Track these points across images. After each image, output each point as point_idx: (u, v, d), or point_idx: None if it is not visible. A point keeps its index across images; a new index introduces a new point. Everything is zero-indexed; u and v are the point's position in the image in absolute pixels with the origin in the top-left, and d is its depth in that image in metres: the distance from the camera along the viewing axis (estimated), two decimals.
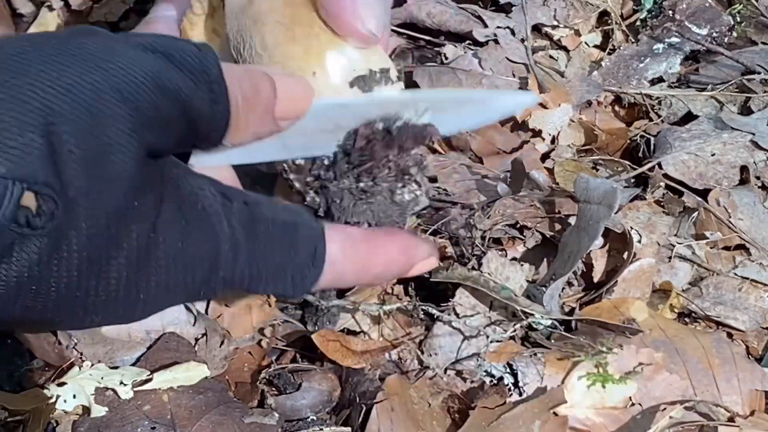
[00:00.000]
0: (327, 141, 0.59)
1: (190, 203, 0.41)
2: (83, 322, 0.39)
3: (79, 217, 0.35)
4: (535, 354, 0.80)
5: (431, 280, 0.85)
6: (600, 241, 0.93)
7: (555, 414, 0.75)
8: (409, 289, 0.88)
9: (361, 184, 0.59)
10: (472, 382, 0.79)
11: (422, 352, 0.81)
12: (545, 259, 0.94)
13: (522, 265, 0.89)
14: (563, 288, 0.88)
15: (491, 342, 0.80)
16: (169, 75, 0.39)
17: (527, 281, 0.90)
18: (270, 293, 0.48)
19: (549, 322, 0.83)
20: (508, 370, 0.79)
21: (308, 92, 0.52)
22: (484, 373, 0.78)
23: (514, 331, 0.82)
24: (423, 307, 0.81)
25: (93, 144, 0.36)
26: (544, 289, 0.86)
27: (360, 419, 0.76)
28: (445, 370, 0.80)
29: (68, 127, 0.35)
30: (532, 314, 0.82)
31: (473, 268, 0.86)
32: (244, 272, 0.43)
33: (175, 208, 0.40)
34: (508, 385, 0.78)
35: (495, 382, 0.79)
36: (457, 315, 0.82)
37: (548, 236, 0.95)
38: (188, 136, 0.42)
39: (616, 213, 0.96)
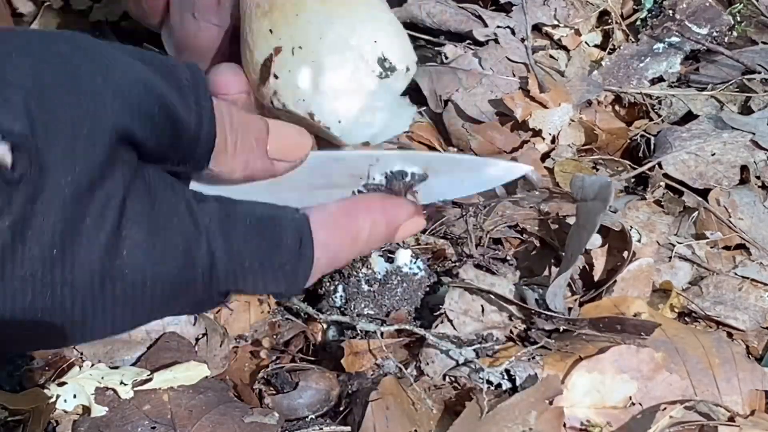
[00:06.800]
0: (321, 199, 0.59)
1: (159, 195, 0.40)
2: (64, 328, 0.38)
3: (53, 180, 0.35)
4: (533, 357, 0.80)
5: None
6: (599, 240, 0.93)
7: (550, 404, 0.75)
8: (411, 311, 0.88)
9: None
10: (470, 387, 0.79)
11: (419, 362, 0.81)
12: (543, 261, 0.94)
13: (506, 274, 0.89)
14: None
15: (488, 348, 0.80)
16: (155, 80, 0.39)
17: (521, 282, 0.90)
18: (264, 291, 0.46)
19: (551, 327, 0.82)
20: (505, 376, 0.79)
21: (305, 138, 0.51)
22: (481, 380, 0.78)
23: (511, 334, 0.82)
24: (416, 331, 0.81)
25: (73, 110, 0.36)
26: (539, 289, 0.86)
27: (359, 418, 0.76)
28: (444, 377, 0.80)
29: (50, 92, 0.35)
30: (534, 314, 0.82)
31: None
32: (227, 270, 0.42)
33: (144, 196, 0.39)
34: (506, 390, 0.78)
35: (493, 388, 0.78)
36: (450, 321, 0.82)
37: (546, 239, 0.96)
38: (171, 144, 0.42)
39: (615, 213, 0.96)
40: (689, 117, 1.19)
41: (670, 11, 1.30)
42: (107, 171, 0.37)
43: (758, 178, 1.07)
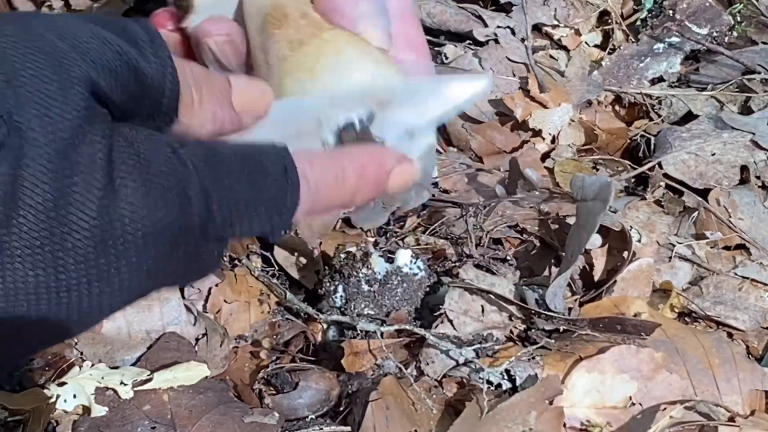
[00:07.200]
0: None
1: (142, 144, 0.40)
2: (72, 307, 0.37)
3: (34, 143, 0.35)
4: (533, 357, 0.80)
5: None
6: (600, 240, 0.93)
7: (551, 404, 0.75)
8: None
9: None
10: (470, 387, 0.79)
11: (419, 362, 0.81)
12: (543, 261, 0.94)
13: (506, 274, 0.89)
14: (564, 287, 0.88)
15: (488, 348, 0.80)
16: (114, 39, 0.40)
17: (521, 282, 0.90)
18: (259, 231, 0.45)
19: (551, 327, 0.82)
20: (505, 376, 0.79)
21: (266, 89, 0.51)
22: (481, 380, 0.78)
23: (511, 334, 0.82)
24: (416, 330, 0.81)
25: (38, 71, 0.36)
26: (539, 289, 0.86)
27: (359, 418, 0.76)
28: (443, 377, 0.80)
29: (11, 55, 0.35)
30: (534, 314, 0.82)
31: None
32: (221, 205, 0.41)
33: (128, 146, 0.39)
34: (506, 390, 0.78)
35: (493, 388, 0.78)
36: (450, 321, 0.82)
37: (545, 239, 0.96)
38: (137, 98, 0.41)
39: (615, 213, 0.96)
40: (689, 117, 1.19)
41: (670, 11, 1.30)
42: (86, 126, 0.37)
43: (758, 178, 1.07)
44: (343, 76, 0.61)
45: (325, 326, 0.89)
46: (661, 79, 1.27)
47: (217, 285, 0.90)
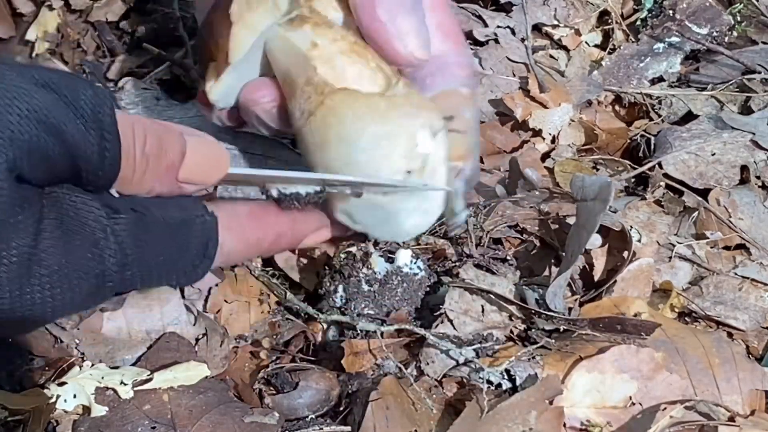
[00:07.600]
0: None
1: (71, 218, 0.41)
2: None
3: None
4: (533, 357, 0.80)
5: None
6: (600, 240, 0.93)
7: (551, 404, 0.75)
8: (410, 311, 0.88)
9: None
10: (470, 387, 0.79)
11: (419, 362, 0.81)
12: (543, 261, 0.94)
13: (506, 274, 0.89)
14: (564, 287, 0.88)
15: (488, 348, 0.80)
16: (56, 113, 0.39)
17: (521, 282, 0.90)
18: (161, 286, 0.49)
19: (551, 327, 0.82)
20: (505, 376, 0.79)
21: (222, 163, 0.51)
22: (481, 380, 0.78)
23: (511, 334, 0.82)
24: (416, 330, 0.81)
25: None
26: (539, 289, 0.86)
27: (359, 418, 0.76)
28: (443, 377, 0.80)
29: None
30: (535, 314, 0.82)
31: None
32: (135, 277, 0.44)
33: (56, 224, 0.40)
34: (506, 390, 0.78)
35: (493, 388, 0.78)
36: (450, 321, 0.82)
37: (545, 239, 0.96)
38: (71, 177, 0.42)
39: (615, 213, 0.96)
40: (689, 117, 1.19)
41: (670, 11, 1.30)
42: (12, 208, 0.37)
43: (758, 178, 1.07)
44: (351, 146, 0.64)
45: (325, 326, 0.89)
46: (661, 79, 1.27)
47: (217, 285, 0.90)
